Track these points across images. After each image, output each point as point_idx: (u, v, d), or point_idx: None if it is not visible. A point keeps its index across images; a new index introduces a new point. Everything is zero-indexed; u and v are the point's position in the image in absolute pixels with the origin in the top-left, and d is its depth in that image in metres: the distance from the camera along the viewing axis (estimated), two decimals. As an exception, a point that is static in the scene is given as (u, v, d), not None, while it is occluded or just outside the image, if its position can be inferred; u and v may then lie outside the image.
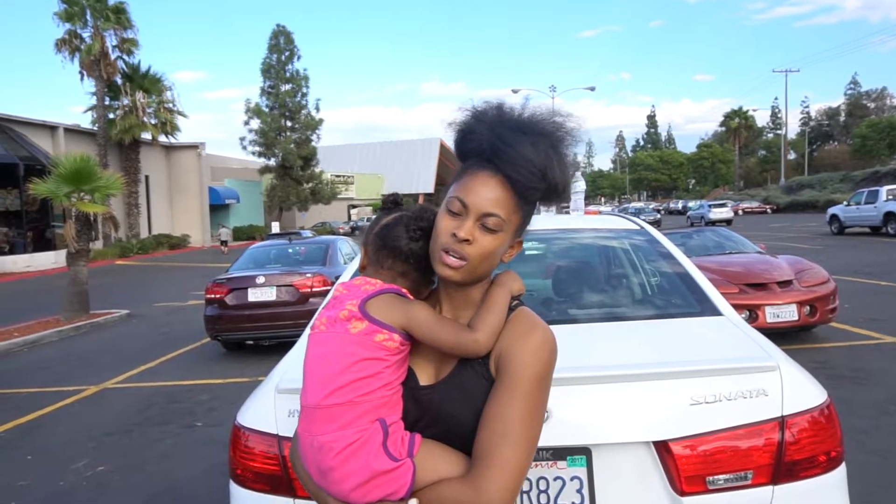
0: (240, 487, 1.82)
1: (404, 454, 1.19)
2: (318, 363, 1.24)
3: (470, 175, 1.26)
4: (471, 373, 1.26)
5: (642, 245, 2.97)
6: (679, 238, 9.56)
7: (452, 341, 1.24)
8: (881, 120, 63.94)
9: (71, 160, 12.13)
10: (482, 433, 1.20)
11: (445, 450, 1.24)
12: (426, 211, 1.36)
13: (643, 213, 42.84)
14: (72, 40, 30.27)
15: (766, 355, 1.80)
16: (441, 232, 1.24)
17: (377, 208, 11.67)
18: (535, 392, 1.22)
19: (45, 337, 10.59)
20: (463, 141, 1.31)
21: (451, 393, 1.26)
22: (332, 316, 1.27)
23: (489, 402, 1.22)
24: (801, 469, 1.65)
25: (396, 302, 1.27)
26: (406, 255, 1.32)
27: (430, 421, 1.27)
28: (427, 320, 1.25)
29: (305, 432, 1.23)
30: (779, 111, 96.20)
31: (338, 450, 1.17)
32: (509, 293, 1.32)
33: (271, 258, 10.02)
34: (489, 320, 1.25)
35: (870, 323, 8.09)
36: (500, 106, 1.30)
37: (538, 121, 1.27)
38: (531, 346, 1.24)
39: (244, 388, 6.16)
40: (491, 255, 1.25)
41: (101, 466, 4.72)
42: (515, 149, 1.21)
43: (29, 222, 25.57)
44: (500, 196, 1.23)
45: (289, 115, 42.27)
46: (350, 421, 1.18)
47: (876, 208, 22.50)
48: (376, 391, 1.20)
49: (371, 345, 1.21)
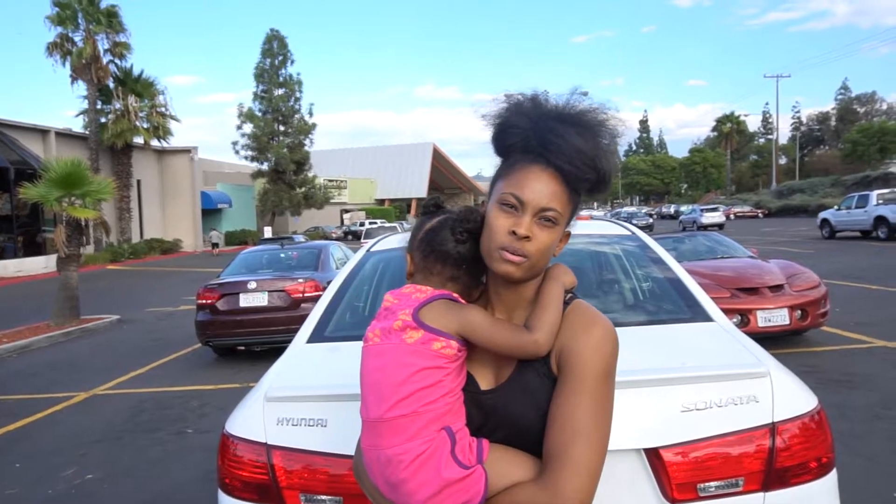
0: (228, 496, 1.80)
1: (474, 461, 1.16)
2: (376, 375, 1.21)
3: (520, 170, 1.23)
4: (532, 373, 1.24)
5: (633, 251, 2.97)
6: (671, 243, 9.58)
7: (511, 344, 1.21)
8: (872, 125, 64.39)
9: (62, 164, 12.07)
10: (551, 434, 1.17)
11: (515, 453, 1.21)
12: (471, 212, 1.32)
13: (635, 218, 42.97)
14: (63, 44, 30.19)
15: (756, 361, 1.80)
16: (497, 230, 1.21)
17: (369, 212, 11.58)
18: (601, 388, 1.19)
19: (35, 343, 10.51)
20: (503, 135, 1.28)
21: (514, 395, 1.24)
22: (385, 327, 1.24)
23: (555, 402, 1.19)
24: (792, 475, 1.65)
25: (450, 308, 1.24)
26: (455, 258, 1.28)
27: (495, 425, 1.24)
28: (483, 324, 1.22)
29: (371, 447, 1.20)
30: (770, 116, 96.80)
31: (407, 462, 1.14)
32: (562, 287, 1.29)
33: (263, 263, 9.99)
34: (546, 319, 1.22)
35: (861, 327, 8.13)
36: (534, 97, 1.27)
37: (580, 112, 1.25)
38: (592, 342, 1.21)
39: (235, 395, 6.11)
40: (549, 250, 1.23)
41: (89, 474, 4.67)
42: (566, 140, 1.19)
43: (19, 227, 25.43)
44: (555, 189, 1.21)
45: (282, 119, 42.25)
46: (416, 432, 1.15)
47: (866, 212, 22.64)
48: (439, 399, 1.17)
49: (429, 353, 1.19)
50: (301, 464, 1.69)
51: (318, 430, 1.70)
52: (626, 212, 56.82)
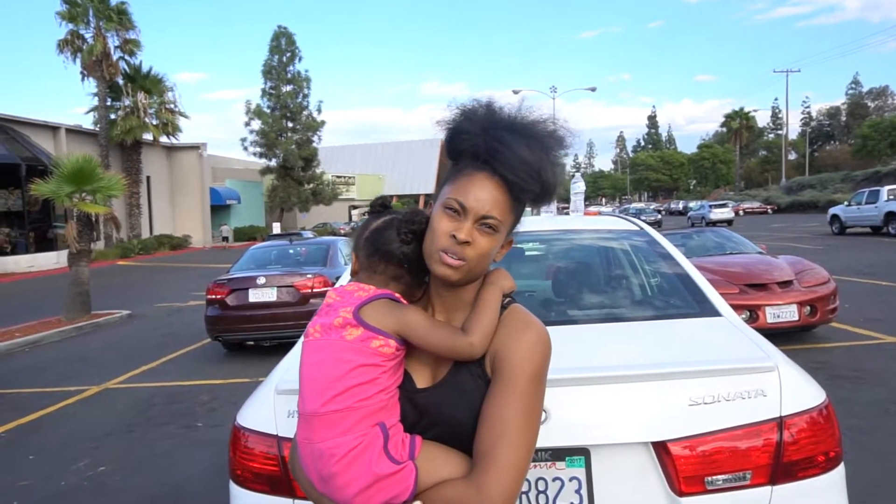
0: (239, 488, 1.82)
1: (405, 457, 1.19)
2: (314, 370, 1.24)
3: (466, 176, 1.26)
4: (467, 374, 1.27)
5: (642, 246, 2.97)
6: (679, 238, 9.55)
7: (447, 346, 1.24)
8: (883, 120, 63.82)
9: (72, 161, 12.14)
10: (481, 434, 1.20)
11: (446, 451, 1.24)
12: (417, 214, 1.35)
13: (644, 214, 42.79)
14: (74, 41, 30.32)
15: (764, 356, 1.80)
16: (439, 233, 1.24)
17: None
18: (531, 391, 1.22)
19: (47, 337, 10.60)
20: (454, 140, 1.30)
21: (448, 395, 1.27)
22: (326, 323, 1.26)
23: (486, 403, 1.22)
24: (800, 469, 1.65)
25: (391, 307, 1.27)
26: (399, 258, 1.31)
27: (429, 423, 1.27)
28: (421, 325, 1.25)
29: (305, 440, 1.23)
30: (779, 111, 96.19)
31: (339, 456, 1.17)
32: (501, 292, 1.32)
33: (272, 259, 10.03)
34: (482, 322, 1.25)
35: (870, 323, 8.09)
36: (489, 105, 1.30)
37: (530, 122, 1.27)
38: (525, 345, 1.24)
39: (245, 389, 6.16)
40: (487, 256, 1.26)
41: (101, 467, 4.73)
42: (513, 151, 1.21)
43: (31, 223, 25.61)
44: (497, 197, 1.24)
45: (290, 116, 42.27)
46: (350, 427, 1.18)
47: (877, 208, 22.49)
48: (374, 396, 1.20)
49: (367, 351, 1.21)
50: (312, 456, 1.71)
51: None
52: (635, 208, 56.63)
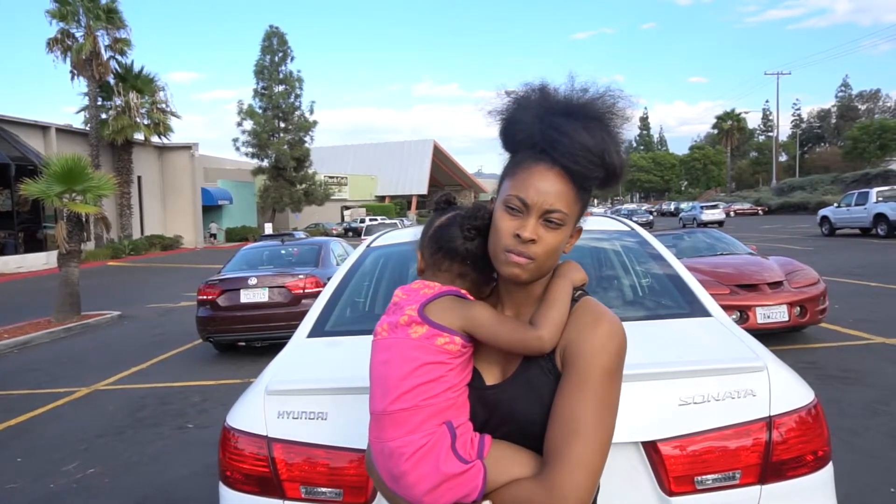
0: (229, 489, 1.82)
1: (474, 456, 1.17)
2: (382, 369, 1.22)
3: (525, 169, 1.19)
4: (536, 369, 1.22)
5: (633, 247, 2.98)
6: (671, 239, 9.58)
7: (515, 340, 1.21)
8: (872, 122, 64.29)
9: (62, 160, 12.05)
10: (552, 430, 1.15)
11: (517, 450, 1.20)
12: (480, 209, 1.31)
13: (636, 215, 42.91)
14: (64, 39, 30.11)
15: (753, 356, 1.81)
16: (503, 233, 1.19)
17: (370, 209, 11.62)
18: (604, 385, 1.16)
19: (37, 338, 10.53)
20: (509, 131, 1.24)
21: (517, 391, 1.23)
22: (392, 322, 1.25)
23: (557, 398, 1.17)
24: (789, 469, 1.66)
25: (455, 304, 1.24)
26: (462, 255, 1.28)
27: (499, 421, 1.23)
28: (487, 321, 1.22)
29: (375, 439, 1.22)
30: (770, 113, 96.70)
31: (408, 454, 1.15)
32: (571, 284, 1.28)
33: (264, 259, 10.00)
34: (551, 315, 1.22)
35: (859, 324, 8.14)
36: (542, 88, 1.23)
37: (587, 102, 1.20)
38: (598, 338, 1.18)
39: (236, 390, 6.13)
40: (556, 251, 1.21)
41: (91, 468, 4.69)
42: (571, 137, 1.14)
43: (20, 223, 25.42)
44: (560, 189, 1.17)
45: (282, 116, 42.14)
46: (417, 425, 1.16)
47: (866, 210, 22.65)
48: (441, 394, 1.18)
49: (432, 349, 1.19)
50: (301, 456, 1.71)
51: (318, 423, 1.71)
52: (627, 209, 56.78)
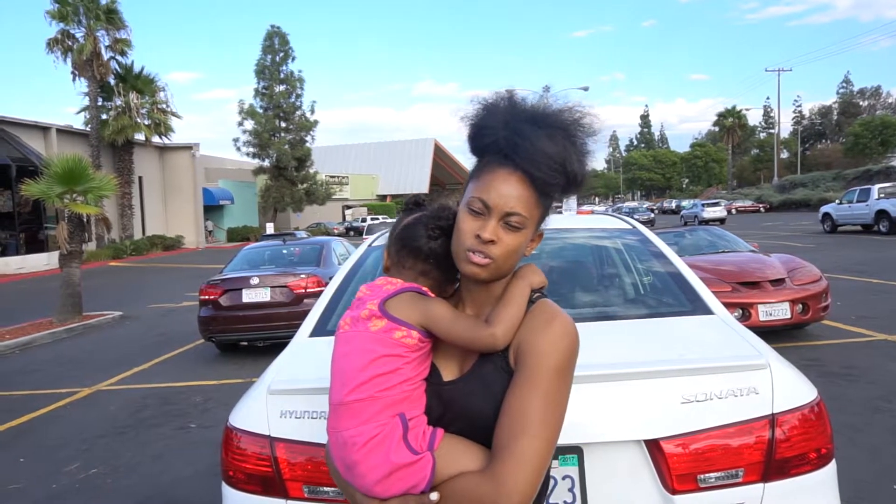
0: (232, 489, 1.82)
1: (424, 448, 1.20)
2: (342, 361, 1.27)
3: (489, 173, 1.24)
4: (490, 367, 1.26)
5: (634, 245, 2.98)
6: (672, 237, 9.58)
7: (469, 337, 1.25)
8: (874, 118, 64.24)
9: (63, 161, 12.06)
10: (501, 426, 1.18)
11: (467, 444, 1.23)
12: (444, 210, 1.37)
13: (637, 213, 42.87)
14: (64, 40, 30.11)
15: (756, 353, 1.81)
16: (464, 233, 1.24)
17: (371, 208, 11.67)
18: (554, 383, 1.19)
19: (38, 339, 10.53)
20: (477, 136, 1.29)
21: (472, 387, 1.26)
22: (355, 316, 1.30)
23: (508, 395, 1.21)
24: (792, 466, 1.66)
25: (415, 300, 1.29)
26: (426, 254, 1.33)
27: (453, 416, 1.27)
28: (444, 317, 1.26)
29: (332, 429, 1.26)
30: (771, 110, 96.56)
31: (360, 444, 1.19)
32: (529, 286, 1.32)
33: (265, 259, 10.01)
34: (506, 314, 1.26)
35: (861, 321, 8.14)
36: (511, 97, 1.28)
37: (552, 112, 1.25)
38: (550, 337, 1.22)
39: (238, 390, 6.13)
40: (515, 253, 1.25)
41: (93, 469, 4.70)
42: (533, 143, 1.19)
43: (21, 224, 25.45)
44: (521, 193, 1.22)
45: (283, 116, 42.14)
46: (371, 416, 1.20)
47: (868, 206, 22.62)
48: (396, 386, 1.22)
49: (390, 342, 1.23)
50: (304, 456, 1.71)
51: (320, 422, 1.71)
52: (628, 207, 56.72)
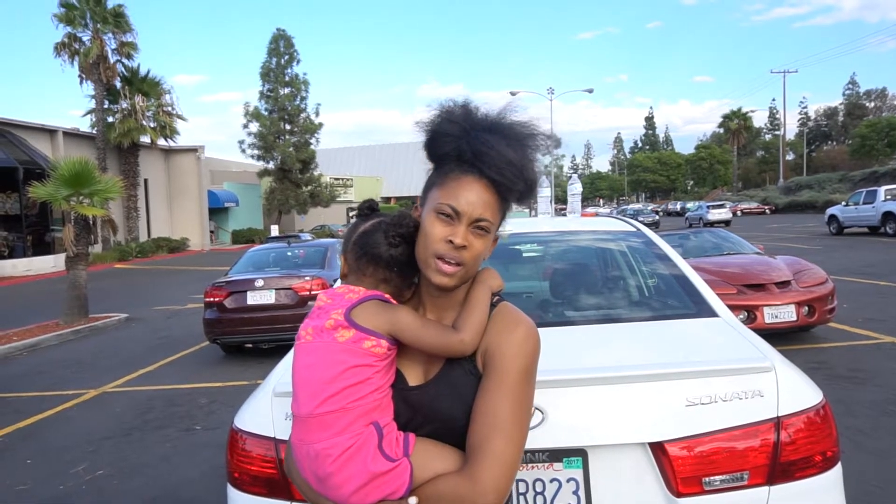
0: (237, 491, 1.82)
1: (400, 454, 1.21)
2: (307, 372, 1.25)
3: (454, 179, 1.28)
4: (459, 371, 1.29)
5: (639, 247, 2.97)
6: (677, 239, 9.56)
7: (438, 343, 1.26)
8: (880, 120, 63.91)
9: (70, 164, 12.11)
10: (474, 427, 1.23)
11: (440, 447, 1.26)
12: (405, 217, 1.36)
13: (641, 215, 42.78)
14: (71, 44, 30.26)
15: (761, 356, 1.80)
16: (434, 239, 1.25)
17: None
18: (522, 385, 1.25)
19: (45, 341, 10.58)
20: (436, 143, 1.32)
21: (441, 391, 1.29)
22: (318, 325, 1.28)
23: (479, 397, 1.25)
24: (797, 469, 1.66)
25: (381, 308, 1.28)
26: (387, 261, 1.33)
27: (422, 420, 1.29)
28: (412, 325, 1.27)
29: (300, 441, 1.24)
30: (777, 112, 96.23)
31: (335, 456, 1.19)
32: (490, 290, 1.35)
33: (270, 261, 10.02)
34: (473, 319, 1.28)
35: (868, 323, 8.10)
36: (465, 105, 1.32)
37: (509, 124, 1.30)
38: (516, 340, 1.27)
39: (243, 392, 6.15)
40: (480, 257, 1.30)
41: (100, 470, 4.72)
42: (498, 152, 1.24)
43: (28, 226, 25.56)
44: (487, 199, 1.27)
45: (288, 118, 42.22)
46: (344, 427, 1.19)
47: (874, 208, 22.51)
48: (367, 396, 1.21)
49: (359, 352, 1.23)
50: (309, 458, 1.71)
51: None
52: (632, 209, 56.64)
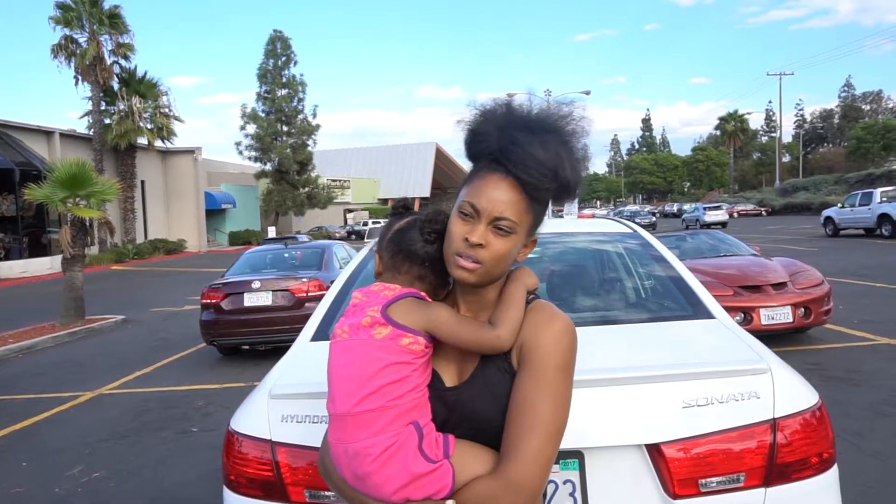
0: (233, 493, 1.81)
1: (441, 456, 1.19)
2: (344, 371, 1.24)
3: (480, 178, 1.26)
4: (493, 369, 1.27)
5: (635, 248, 2.98)
6: (674, 241, 9.57)
7: (474, 339, 1.25)
8: (876, 122, 64.09)
9: (67, 165, 12.10)
10: (509, 425, 1.20)
11: (476, 448, 1.24)
12: (439, 213, 1.36)
13: (638, 217, 42.85)
14: (68, 45, 30.27)
15: (757, 358, 1.80)
16: (454, 236, 1.24)
17: (373, 212, 11.66)
18: (558, 380, 1.22)
19: (41, 343, 10.55)
20: (473, 142, 1.30)
21: (477, 391, 1.27)
22: (353, 323, 1.27)
23: (515, 392, 1.22)
24: (794, 471, 1.66)
25: (417, 305, 1.27)
26: (422, 258, 1.32)
27: (458, 421, 1.27)
28: (448, 321, 1.26)
29: (337, 441, 1.23)
30: (773, 114, 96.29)
31: (374, 455, 1.17)
32: (525, 288, 1.32)
33: (267, 263, 10.02)
34: (509, 315, 1.26)
35: (864, 325, 8.11)
36: (509, 104, 1.29)
37: (546, 117, 1.26)
38: (552, 335, 1.24)
39: (240, 393, 6.13)
40: (504, 258, 1.25)
41: (96, 472, 4.70)
42: (525, 149, 1.20)
43: (25, 228, 25.53)
44: (511, 198, 1.22)
45: (285, 120, 42.25)
46: (384, 426, 1.18)
47: (870, 210, 22.56)
48: (406, 395, 1.20)
49: (397, 349, 1.22)
50: (305, 460, 1.71)
51: (322, 426, 1.70)
52: (629, 210, 56.69)
